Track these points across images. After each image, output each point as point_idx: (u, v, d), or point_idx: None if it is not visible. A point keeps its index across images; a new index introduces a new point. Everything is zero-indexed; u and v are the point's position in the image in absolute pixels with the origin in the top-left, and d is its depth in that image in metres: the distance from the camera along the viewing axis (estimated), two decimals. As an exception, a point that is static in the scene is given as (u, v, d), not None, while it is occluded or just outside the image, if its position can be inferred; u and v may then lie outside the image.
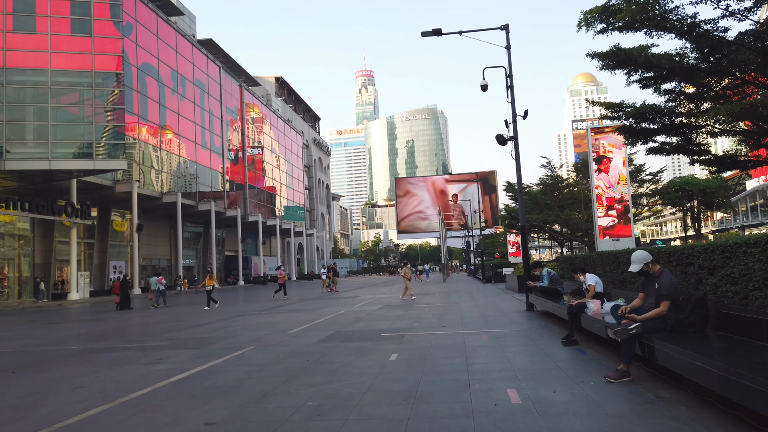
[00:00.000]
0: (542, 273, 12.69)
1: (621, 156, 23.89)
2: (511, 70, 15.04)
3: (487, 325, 12.06)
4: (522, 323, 12.08)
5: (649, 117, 12.63)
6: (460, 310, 16.30)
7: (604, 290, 8.62)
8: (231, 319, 16.78)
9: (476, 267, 60.70)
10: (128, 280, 27.19)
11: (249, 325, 14.37)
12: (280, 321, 15.27)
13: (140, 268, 49.96)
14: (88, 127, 36.07)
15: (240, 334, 12.47)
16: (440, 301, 20.60)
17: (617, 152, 23.66)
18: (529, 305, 14.73)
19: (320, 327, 13.08)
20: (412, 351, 8.72)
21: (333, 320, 14.65)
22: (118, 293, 25.54)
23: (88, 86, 36.45)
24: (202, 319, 17.29)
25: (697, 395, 5.16)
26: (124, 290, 25.24)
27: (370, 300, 23.35)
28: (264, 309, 20.78)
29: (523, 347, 8.70)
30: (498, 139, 14.93)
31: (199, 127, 57.49)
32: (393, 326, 12.53)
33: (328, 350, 9.22)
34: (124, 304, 24.80)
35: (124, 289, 25.28)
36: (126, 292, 25.21)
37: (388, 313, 16.38)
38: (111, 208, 46.19)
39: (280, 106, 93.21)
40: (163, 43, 51.22)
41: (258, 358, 8.77)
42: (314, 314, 16.96)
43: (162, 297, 25.67)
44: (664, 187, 43.61)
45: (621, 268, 10.32)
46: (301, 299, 26.56)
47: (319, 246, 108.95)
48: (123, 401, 6.12)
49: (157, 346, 11.03)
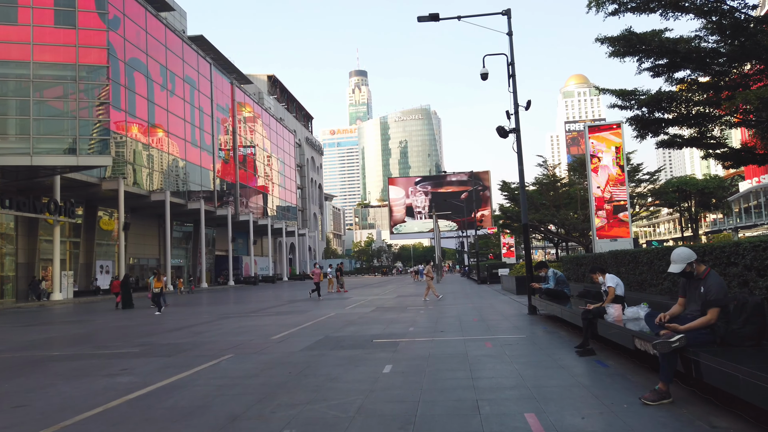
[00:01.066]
0: (547, 274, 11.75)
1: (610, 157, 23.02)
2: (513, 57, 14.09)
3: (488, 330, 11.11)
4: (526, 328, 11.13)
5: (664, 106, 11.70)
6: (457, 313, 15.35)
7: (624, 293, 7.66)
8: (214, 322, 15.76)
9: (470, 267, 59.82)
10: (131, 280, 26.13)
11: (231, 329, 13.36)
12: (265, 324, 14.27)
13: (128, 267, 48.77)
14: (72, 122, 34.92)
15: (220, 339, 11.45)
16: (436, 304, 19.63)
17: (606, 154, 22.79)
18: (531, 308, 13.80)
19: (308, 331, 12.10)
20: (409, 362, 7.75)
21: (322, 324, 13.67)
22: (118, 292, 25.01)
23: (72, 80, 35.29)
24: (186, 321, 16.26)
25: (759, 423, 4.23)
26: (126, 289, 24.64)
27: (362, 302, 22.38)
28: (251, 311, 19.76)
29: (533, 357, 7.74)
30: (499, 131, 13.98)
31: (189, 125, 56.31)
32: (386, 331, 11.56)
33: (314, 360, 8.23)
34: (126, 304, 24.13)
35: (126, 288, 24.70)
36: (128, 291, 24.62)
37: (381, 316, 15.41)
38: (98, 207, 44.96)
39: (273, 105, 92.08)
40: (152, 38, 50.03)
41: (234, 370, 7.77)
42: (303, 317, 15.97)
43: (162, 297, 25.18)
44: (661, 187, 42.86)
45: (639, 269, 9.39)
46: (292, 300, 25.54)
47: (312, 246, 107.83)
48: (62, 427, 5.11)
49: (127, 353, 10.01)
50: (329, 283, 33.41)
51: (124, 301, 24.32)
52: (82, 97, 35.72)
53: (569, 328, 10.49)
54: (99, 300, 36.62)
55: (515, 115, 13.95)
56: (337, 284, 33.36)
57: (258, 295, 32.80)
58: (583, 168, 37.84)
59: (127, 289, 24.70)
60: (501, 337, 9.90)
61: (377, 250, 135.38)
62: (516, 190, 45.10)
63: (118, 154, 43.82)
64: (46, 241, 39.27)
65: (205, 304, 25.96)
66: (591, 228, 22.23)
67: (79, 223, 43.98)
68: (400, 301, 21.89)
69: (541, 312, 13.65)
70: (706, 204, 44.67)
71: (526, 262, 14.21)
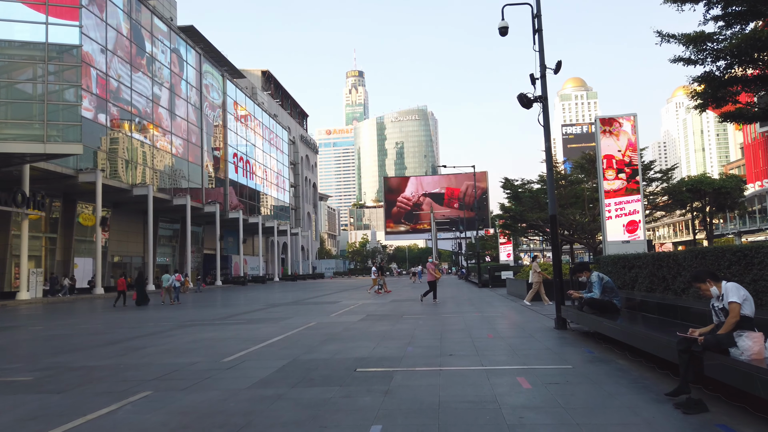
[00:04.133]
0: (590, 279, 8.91)
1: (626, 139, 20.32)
2: (539, 7, 11.28)
3: (514, 354, 8.28)
4: (565, 353, 8.29)
5: (750, 56, 8.84)
6: (465, 324, 12.53)
7: (753, 313, 4.80)
8: (166, 332, 12.87)
9: (468, 269, 56.97)
10: (145, 277, 26.91)
11: (180, 345, 10.49)
12: (226, 338, 11.41)
13: (110, 265, 45.82)
14: (40, 106, 31.93)
15: (154, 361, 8.59)
16: (437, 310, 16.81)
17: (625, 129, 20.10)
18: (560, 321, 10.98)
19: (273, 350, 9.25)
20: (408, 418, 4.90)
21: (295, 339, 10.81)
22: (123, 290, 25.44)
23: (41, 60, 32.34)
24: (132, 330, 13.36)
25: None
26: (141, 286, 24.90)
27: (351, 307, 19.53)
28: (221, 318, 16.86)
29: (606, 412, 4.88)
30: (521, 100, 11.17)
31: (176, 117, 53.35)
32: (376, 353, 8.71)
33: (261, 410, 5.36)
34: (141, 300, 24.37)
35: (141, 285, 24.96)
36: (143, 288, 24.84)
37: (371, 327, 12.57)
38: (77, 201, 41.85)
39: (266, 100, 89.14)
40: (135, 22, 47.09)
41: (133, 425, 4.95)
42: (276, 327, 13.11)
43: (176, 293, 26.33)
44: (674, 186, 40.13)
45: (751, 272, 6.55)
46: (272, 304, 22.61)
47: (305, 246, 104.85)
48: None
49: (13, 382, 7.17)
50: (373, 283, 31.79)
51: (139, 297, 24.42)
52: (51, 80, 32.81)
53: (622, 350, 7.71)
54: (69, 300, 33.70)
55: (541, 80, 11.16)
56: (382, 284, 30.91)
57: (240, 297, 29.88)
58: (591, 165, 35.15)
59: (142, 286, 24.93)
60: (537, 368, 7.05)
61: (372, 250, 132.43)
62: (519, 187, 42.32)
63: (95, 143, 40.84)
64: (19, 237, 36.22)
65: (173, 307, 23.06)
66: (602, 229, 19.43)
67: (56, 218, 41.05)
68: (395, 307, 19.06)
69: (572, 326, 10.86)
70: (721, 205, 41.92)
71: (554, 263, 11.38)
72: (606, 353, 7.95)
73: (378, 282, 31.08)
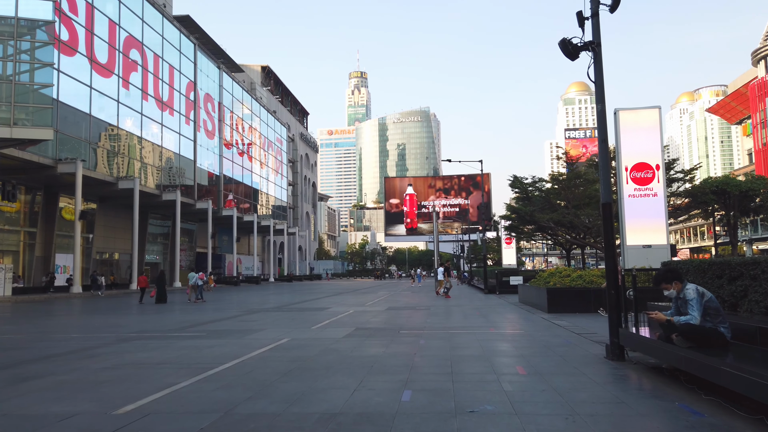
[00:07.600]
0: (684, 293, 5.91)
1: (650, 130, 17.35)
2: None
3: (569, 410, 5.29)
4: (651, 412, 5.33)
5: None
6: (480, 347, 9.57)
7: None
8: (93, 349, 9.90)
9: (471, 274, 53.89)
10: (164, 275, 27.34)
11: (82, 375, 7.46)
12: (160, 362, 8.43)
13: (95, 263, 42.94)
14: (7, 86, 29.11)
15: (14, 409, 5.65)
16: (441, 324, 13.81)
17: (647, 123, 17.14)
18: (616, 348, 8.00)
19: (205, 393, 6.25)
20: None
21: (248, 369, 7.80)
22: (145, 287, 26.09)
23: (9, 36, 29.50)
24: (73, 342, 10.41)
25: None
26: (161, 284, 25.39)
27: (340, 316, 16.55)
28: (176, 328, 13.87)
29: None
30: (563, 47, 8.21)
31: (168, 108, 50.41)
32: (355, 403, 5.71)
33: None
34: (160, 298, 24.85)
35: (161, 283, 25.44)
36: (163, 287, 25.29)
37: (357, 348, 9.60)
38: (59, 193, 39.01)
39: (265, 96, 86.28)
40: (125, 7, 44.20)
41: None
42: (234, 347, 10.10)
43: (200, 292, 26.84)
44: (696, 187, 37.14)
45: None
46: (250, 310, 19.62)
47: (302, 246, 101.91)
48: None
49: None
50: (439, 285, 29.01)
51: (158, 295, 24.92)
52: (20, 59, 29.98)
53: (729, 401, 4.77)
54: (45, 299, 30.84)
55: (593, 18, 8.21)
56: (446, 287, 28.19)
57: (222, 300, 26.91)
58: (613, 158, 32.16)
59: (162, 284, 25.36)
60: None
61: (371, 252, 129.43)
62: (530, 185, 39.35)
63: (77, 132, 37.92)
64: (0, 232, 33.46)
65: (134, 312, 20.11)
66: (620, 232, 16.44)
67: (37, 211, 38.22)
68: (391, 317, 16.08)
69: (632, 355, 7.90)
70: (746, 209, 38.86)
71: (607, 267, 8.37)
72: (717, 412, 4.98)
73: (444, 284, 28.13)
